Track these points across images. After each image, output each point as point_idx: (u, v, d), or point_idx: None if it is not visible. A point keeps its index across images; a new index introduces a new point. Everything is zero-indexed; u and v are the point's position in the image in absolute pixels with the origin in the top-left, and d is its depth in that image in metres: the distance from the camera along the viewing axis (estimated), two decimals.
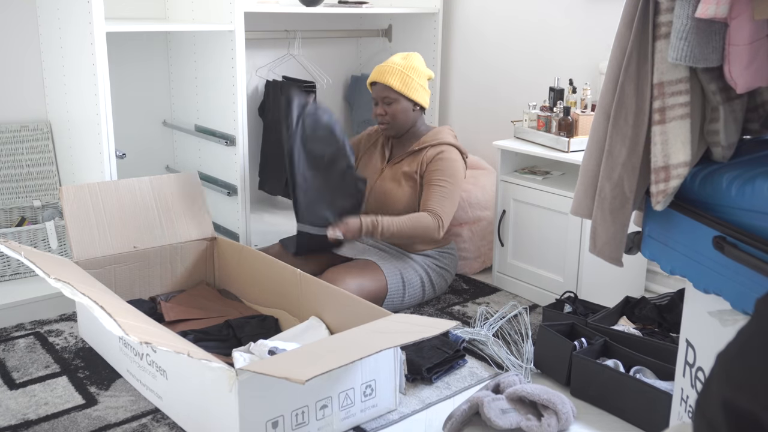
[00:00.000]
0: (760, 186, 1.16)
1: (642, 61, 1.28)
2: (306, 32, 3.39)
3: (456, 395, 2.06)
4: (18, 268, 2.60)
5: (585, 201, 1.43)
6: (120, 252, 2.42)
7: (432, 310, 2.61)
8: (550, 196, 2.62)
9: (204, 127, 3.03)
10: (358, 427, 1.88)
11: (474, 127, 3.45)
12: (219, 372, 1.65)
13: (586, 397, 2.03)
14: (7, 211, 2.80)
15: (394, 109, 2.62)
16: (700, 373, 1.39)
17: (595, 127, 1.39)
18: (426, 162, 2.62)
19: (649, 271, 2.82)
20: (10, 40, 2.78)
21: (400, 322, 1.92)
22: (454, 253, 2.79)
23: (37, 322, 2.45)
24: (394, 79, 2.60)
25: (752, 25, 1.15)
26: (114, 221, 2.43)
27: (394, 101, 2.62)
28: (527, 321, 2.40)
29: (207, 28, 2.73)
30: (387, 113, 2.64)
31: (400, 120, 2.64)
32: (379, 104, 2.66)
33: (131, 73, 3.10)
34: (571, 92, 2.72)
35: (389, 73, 2.61)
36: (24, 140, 2.84)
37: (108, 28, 2.41)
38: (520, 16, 3.17)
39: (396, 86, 2.59)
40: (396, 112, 2.63)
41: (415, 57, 2.68)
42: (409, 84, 2.61)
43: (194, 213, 2.61)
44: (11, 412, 1.93)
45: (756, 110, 1.38)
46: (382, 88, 2.62)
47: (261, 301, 2.49)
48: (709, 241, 1.24)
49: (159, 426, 1.88)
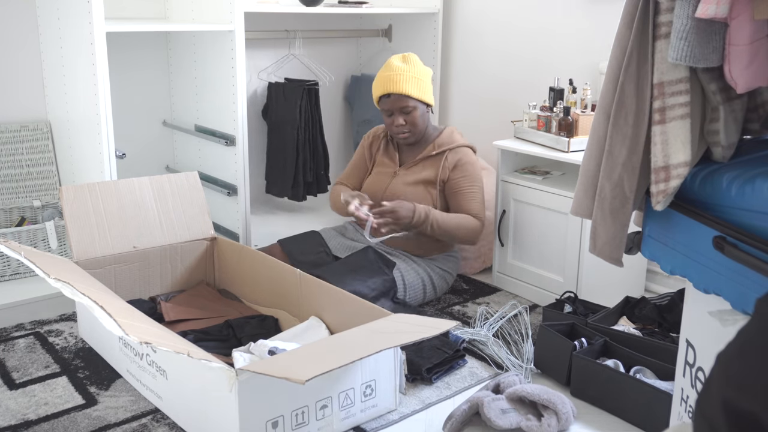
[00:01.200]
0: (760, 186, 1.16)
1: (642, 61, 1.28)
2: (306, 32, 3.39)
3: (456, 395, 2.06)
4: (18, 268, 2.60)
5: (585, 201, 1.43)
6: (120, 252, 2.42)
7: (432, 311, 2.61)
8: (550, 196, 2.62)
9: (204, 127, 3.03)
10: (358, 427, 1.88)
11: (474, 127, 3.45)
12: (219, 372, 1.65)
13: (586, 397, 2.03)
14: (7, 211, 2.80)
15: (413, 117, 2.57)
16: (700, 373, 1.39)
17: (595, 127, 1.39)
18: (448, 169, 2.59)
19: (649, 271, 2.82)
20: (10, 40, 2.78)
21: (400, 322, 1.92)
22: (457, 256, 2.79)
23: (37, 322, 2.45)
24: (410, 87, 2.53)
25: (752, 25, 1.15)
26: (114, 221, 2.43)
27: (413, 109, 2.56)
28: (527, 321, 2.40)
29: (207, 28, 2.73)
30: (407, 122, 2.57)
31: (420, 126, 2.60)
32: (394, 115, 2.57)
33: (131, 73, 3.10)
34: (571, 92, 2.72)
35: (403, 82, 2.53)
36: (24, 140, 2.84)
37: (108, 28, 2.41)
38: (520, 16, 3.17)
39: (414, 93, 2.53)
40: (415, 119, 2.58)
41: (415, 58, 2.63)
42: (423, 87, 2.57)
43: (194, 213, 2.61)
44: (11, 412, 1.93)
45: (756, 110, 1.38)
46: (399, 98, 2.54)
47: (261, 301, 2.49)
48: (709, 241, 1.24)
49: (159, 426, 1.88)
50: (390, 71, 2.56)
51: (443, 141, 2.64)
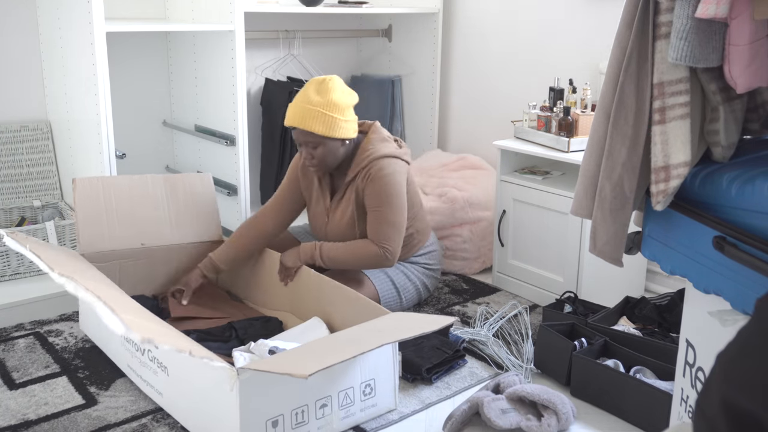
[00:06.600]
0: (760, 186, 1.16)
1: (642, 61, 1.28)
2: (306, 32, 3.39)
3: (456, 395, 2.06)
4: (18, 268, 2.60)
5: (585, 201, 1.43)
6: (127, 247, 2.42)
7: (432, 311, 2.61)
8: (550, 196, 2.62)
9: (204, 127, 3.03)
10: (357, 427, 1.88)
11: (474, 127, 3.46)
12: (220, 371, 1.65)
13: (586, 397, 2.03)
14: (7, 211, 2.80)
15: (320, 152, 2.33)
16: (700, 373, 1.39)
17: (595, 127, 1.39)
18: (361, 189, 2.39)
19: (649, 271, 2.82)
20: (11, 40, 2.78)
21: (400, 320, 1.92)
22: (436, 246, 2.68)
23: (37, 322, 2.45)
24: (315, 124, 2.28)
25: (752, 25, 1.15)
26: (124, 216, 2.43)
27: (319, 145, 2.32)
28: (527, 321, 2.40)
29: (207, 28, 2.73)
30: (314, 157, 2.35)
31: (329, 161, 2.37)
32: (302, 146, 2.36)
33: (131, 73, 3.10)
34: (571, 92, 2.72)
35: (309, 117, 2.28)
36: (24, 140, 2.84)
37: (108, 28, 2.41)
38: (520, 16, 3.17)
39: (319, 131, 2.29)
40: (323, 155, 2.34)
41: (333, 87, 2.32)
42: (333, 125, 2.30)
43: (204, 215, 2.60)
44: (11, 412, 1.93)
45: (756, 110, 1.38)
46: (303, 134, 2.32)
47: (265, 303, 2.50)
48: (709, 241, 1.24)
49: (159, 426, 1.88)
50: (300, 102, 2.32)
51: (358, 160, 2.40)
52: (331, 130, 2.30)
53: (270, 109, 3.36)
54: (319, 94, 2.31)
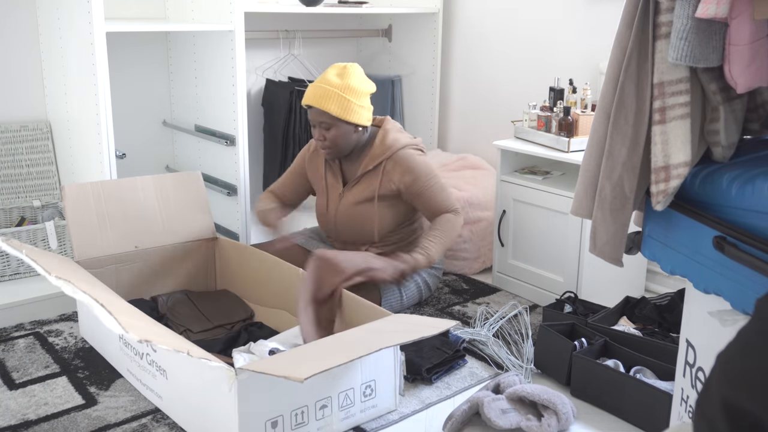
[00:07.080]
0: (760, 186, 1.16)
1: (642, 61, 1.28)
2: (306, 32, 3.39)
3: (456, 395, 2.06)
4: (18, 268, 2.60)
5: (585, 201, 1.43)
6: (121, 251, 2.42)
7: (432, 310, 2.61)
8: (550, 196, 2.62)
9: (204, 127, 3.03)
10: (357, 428, 1.88)
11: (474, 127, 3.46)
12: (218, 371, 1.65)
13: (586, 397, 2.03)
14: (7, 211, 2.80)
15: (333, 134, 2.42)
16: (700, 373, 1.39)
17: (595, 127, 1.39)
18: (394, 180, 2.47)
19: (649, 271, 2.82)
20: (11, 40, 2.78)
21: (400, 322, 1.92)
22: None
23: (37, 322, 2.45)
24: (331, 104, 2.36)
25: (752, 25, 1.15)
26: (116, 220, 2.43)
27: (332, 126, 2.41)
28: (527, 321, 2.40)
29: (207, 28, 2.73)
30: (326, 138, 2.43)
31: (340, 144, 2.45)
32: (316, 127, 2.45)
33: (131, 73, 3.10)
34: (571, 92, 2.72)
35: (326, 98, 2.37)
36: (24, 140, 2.84)
37: (108, 28, 2.41)
38: (520, 16, 3.17)
39: (334, 111, 2.37)
40: (335, 137, 2.42)
41: (353, 73, 2.43)
42: (348, 107, 2.38)
43: (196, 213, 2.60)
44: (11, 412, 1.93)
45: (756, 110, 1.38)
46: (319, 113, 2.40)
47: (263, 301, 2.49)
48: (709, 241, 1.24)
49: (159, 426, 1.88)
50: (320, 84, 2.41)
51: (376, 153, 2.49)
52: (346, 113, 2.39)
53: (272, 110, 3.37)
54: (338, 77, 2.41)
